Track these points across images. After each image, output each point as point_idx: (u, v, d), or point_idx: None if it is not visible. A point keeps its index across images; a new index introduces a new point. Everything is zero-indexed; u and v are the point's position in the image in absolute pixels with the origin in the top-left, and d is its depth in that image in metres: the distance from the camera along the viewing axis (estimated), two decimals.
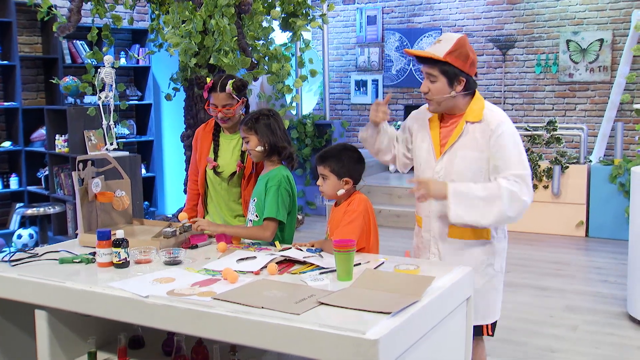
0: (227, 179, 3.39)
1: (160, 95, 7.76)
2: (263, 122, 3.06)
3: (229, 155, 3.41)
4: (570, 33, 8.29)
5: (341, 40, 10.01)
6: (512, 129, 2.71)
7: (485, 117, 2.71)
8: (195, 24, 4.80)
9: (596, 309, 4.80)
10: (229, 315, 2.03)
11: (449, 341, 2.37)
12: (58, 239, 6.16)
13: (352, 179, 2.86)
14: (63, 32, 5.23)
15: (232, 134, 3.45)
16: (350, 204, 2.84)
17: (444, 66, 2.66)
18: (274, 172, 3.05)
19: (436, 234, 2.81)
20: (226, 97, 3.30)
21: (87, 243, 2.89)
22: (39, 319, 2.47)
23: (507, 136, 2.66)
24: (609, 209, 6.97)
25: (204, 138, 3.50)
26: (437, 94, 2.69)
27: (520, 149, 2.69)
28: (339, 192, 2.86)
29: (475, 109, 2.73)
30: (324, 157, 2.89)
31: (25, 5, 6.32)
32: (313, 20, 5.56)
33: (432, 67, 2.67)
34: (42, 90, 7.30)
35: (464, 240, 2.76)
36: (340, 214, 2.86)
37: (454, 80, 2.68)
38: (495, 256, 2.81)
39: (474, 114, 2.72)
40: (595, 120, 8.24)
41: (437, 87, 2.69)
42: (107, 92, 5.22)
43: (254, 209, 3.06)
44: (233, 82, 3.30)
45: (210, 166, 3.42)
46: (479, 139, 2.68)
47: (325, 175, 2.87)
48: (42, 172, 6.92)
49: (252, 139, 3.06)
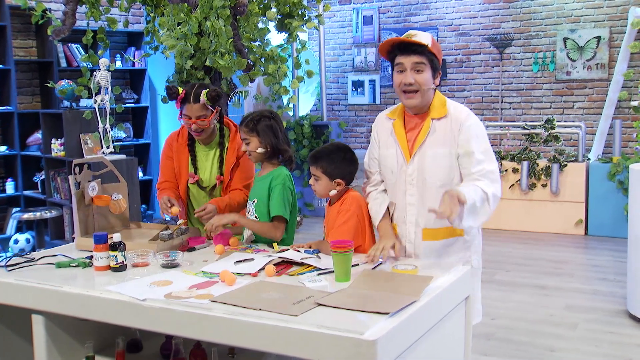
0: (209, 192, 3.35)
1: (157, 98, 7.75)
2: (265, 123, 3.02)
3: (209, 168, 3.34)
4: (568, 31, 8.28)
5: (337, 41, 9.99)
6: (479, 121, 2.71)
7: (450, 110, 2.67)
8: (191, 26, 4.78)
9: (596, 307, 4.80)
10: (227, 317, 2.02)
11: (447, 341, 2.36)
12: (55, 243, 6.14)
13: (344, 180, 2.85)
14: (58, 36, 5.21)
15: (208, 145, 3.36)
16: (343, 204, 2.83)
17: (431, 55, 2.61)
18: (277, 172, 3.04)
19: (412, 239, 2.76)
20: (200, 107, 3.17)
21: (84, 247, 2.88)
22: (36, 323, 2.46)
23: (476, 127, 2.65)
24: (607, 206, 6.97)
25: (180, 151, 3.38)
26: (425, 85, 2.61)
27: (487, 141, 2.69)
28: (331, 192, 2.85)
29: (438, 105, 2.69)
30: (316, 158, 2.87)
31: (19, 8, 6.29)
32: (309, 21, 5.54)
33: (422, 56, 2.60)
34: (37, 94, 7.28)
35: (440, 241, 2.72)
36: (334, 213, 2.85)
37: (435, 72, 2.65)
38: (472, 252, 2.78)
39: (438, 110, 2.68)
40: (593, 118, 8.23)
41: (425, 77, 2.61)
42: (103, 95, 5.20)
43: (254, 210, 3.05)
44: (207, 92, 3.16)
45: (192, 180, 3.33)
46: (447, 134, 2.65)
47: (317, 176, 2.87)
48: (39, 177, 6.91)
49: (253, 140, 3.02)
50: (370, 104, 9.76)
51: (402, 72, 2.63)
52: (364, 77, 9.78)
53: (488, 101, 8.88)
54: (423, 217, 2.70)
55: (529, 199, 7.33)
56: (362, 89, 9.82)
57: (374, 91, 9.73)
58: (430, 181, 2.66)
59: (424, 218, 2.70)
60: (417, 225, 2.73)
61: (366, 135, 9.80)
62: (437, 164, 2.65)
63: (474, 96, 8.96)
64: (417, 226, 2.73)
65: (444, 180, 2.65)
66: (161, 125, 8.09)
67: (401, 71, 2.63)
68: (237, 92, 5.76)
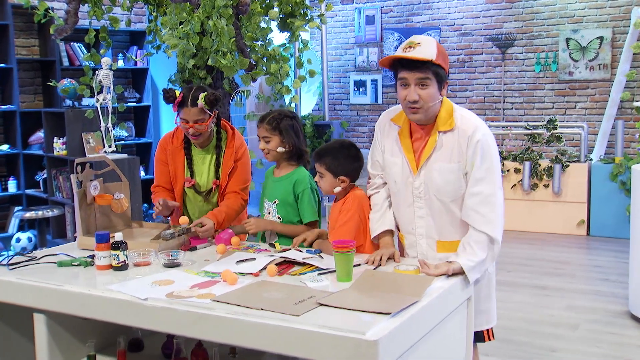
0: (205, 196, 3.31)
1: (159, 97, 7.75)
2: (287, 122, 3.03)
3: (206, 172, 3.29)
4: (570, 31, 8.27)
5: (340, 41, 9.99)
6: (488, 135, 2.54)
7: (457, 123, 2.53)
8: (193, 25, 4.78)
9: (597, 308, 4.79)
10: (229, 317, 2.02)
11: (449, 342, 2.36)
12: (57, 242, 6.14)
13: (349, 177, 2.84)
14: (60, 35, 5.21)
15: (204, 149, 3.30)
16: (345, 203, 2.83)
17: (437, 69, 2.46)
18: (299, 174, 3.06)
19: (424, 251, 2.66)
20: (198, 112, 3.09)
21: (86, 246, 2.88)
22: (38, 322, 2.47)
23: (483, 142, 2.49)
24: (610, 207, 6.96)
25: (175, 154, 3.30)
26: (430, 101, 2.47)
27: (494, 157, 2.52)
28: (335, 189, 2.85)
29: (445, 115, 2.54)
30: (320, 155, 2.86)
31: (22, 7, 6.31)
32: (311, 20, 5.54)
33: (427, 71, 2.45)
34: (39, 93, 7.29)
35: (454, 253, 2.58)
36: (337, 211, 2.86)
37: (442, 83, 2.50)
38: None
39: (445, 122, 2.53)
40: (595, 119, 8.22)
41: (430, 92, 2.47)
42: (105, 95, 5.21)
43: (276, 210, 3.06)
44: (205, 96, 3.07)
45: (188, 184, 3.27)
46: (454, 149, 2.52)
47: (321, 173, 2.86)
48: (41, 175, 6.91)
49: (274, 139, 3.02)
50: (372, 104, 9.75)
51: (406, 87, 2.49)
52: (366, 77, 9.77)
53: (490, 101, 8.87)
54: (435, 230, 2.62)
55: (531, 199, 7.32)
56: (364, 88, 9.82)
57: (376, 91, 9.72)
58: (439, 197, 2.57)
59: (437, 231, 2.61)
60: (429, 238, 2.63)
61: (368, 135, 9.80)
62: (445, 179, 2.54)
63: (476, 96, 8.95)
64: (428, 238, 2.64)
65: (452, 195, 2.55)
66: (163, 125, 8.10)
67: (405, 85, 2.49)
68: (239, 91, 5.75)
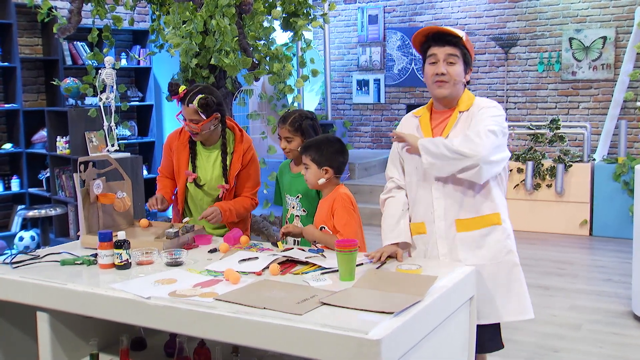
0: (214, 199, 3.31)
1: (162, 96, 7.76)
2: (308, 123, 3.18)
3: (210, 169, 3.30)
4: (573, 31, 8.26)
5: (342, 40, 9.99)
6: (499, 110, 2.64)
7: (475, 102, 2.68)
8: (196, 25, 4.79)
9: (600, 308, 4.78)
10: (231, 316, 2.02)
11: (452, 341, 2.36)
12: (60, 240, 6.15)
13: (332, 168, 2.92)
14: (63, 34, 5.22)
15: (209, 147, 3.32)
16: (336, 201, 2.88)
17: (464, 49, 2.61)
18: None
19: (442, 234, 2.66)
20: (193, 111, 3.14)
21: (89, 245, 2.89)
22: (41, 321, 2.47)
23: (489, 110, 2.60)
24: (613, 207, 6.94)
25: (180, 150, 3.33)
26: (456, 77, 2.60)
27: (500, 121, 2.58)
28: (319, 181, 2.93)
29: (466, 100, 2.68)
30: (306, 147, 2.98)
31: (25, 6, 6.32)
32: (314, 19, 5.55)
33: (456, 48, 2.59)
34: (42, 91, 7.29)
35: (476, 230, 2.63)
36: (325, 208, 2.92)
37: (467, 67, 2.65)
38: (511, 240, 2.71)
39: (465, 104, 2.67)
40: (598, 119, 8.22)
41: (457, 69, 2.60)
42: (108, 94, 5.21)
43: (299, 204, 3.16)
44: (199, 99, 3.10)
45: (190, 179, 3.29)
46: (467, 123, 2.62)
47: (307, 164, 2.96)
48: (44, 174, 6.92)
49: (296, 139, 3.18)
50: (375, 103, 9.76)
51: (435, 64, 2.61)
52: (368, 76, 9.77)
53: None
54: (451, 210, 2.63)
55: (534, 199, 7.32)
56: (366, 88, 9.82)
57: (379, 90, 9.72)
58: None
59: (453, 210, 2.63)
60: (447, 219, 2.64)
61: (371, 135, 9.81)
62: None
63: (479, 96, 8.94)
64: (446, 219, 2.65)
65: None
66: (166, 124, 8.10)
67: (434, 62, 2.61)
68: (242, 90, 5.76)
